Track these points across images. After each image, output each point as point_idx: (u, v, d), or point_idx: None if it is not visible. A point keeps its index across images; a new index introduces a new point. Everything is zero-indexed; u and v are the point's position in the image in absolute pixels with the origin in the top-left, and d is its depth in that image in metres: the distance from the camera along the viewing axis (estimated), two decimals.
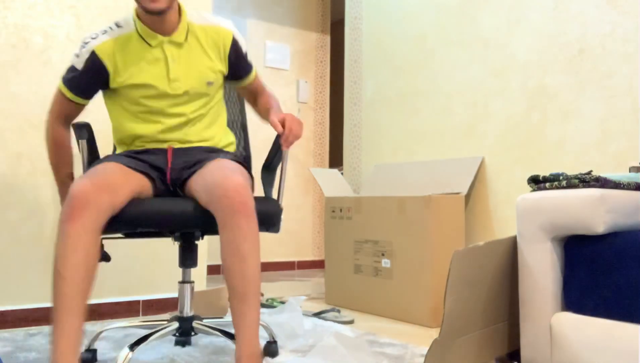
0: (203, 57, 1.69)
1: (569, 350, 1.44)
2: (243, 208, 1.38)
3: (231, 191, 1.38)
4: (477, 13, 2.77)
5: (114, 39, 1.63)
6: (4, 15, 2.28)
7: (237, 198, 1.38)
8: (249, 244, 1.38)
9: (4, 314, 2.21)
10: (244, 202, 1.38)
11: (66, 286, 1.29)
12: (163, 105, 1.66)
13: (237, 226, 1.38)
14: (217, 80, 1.73)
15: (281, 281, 3.85)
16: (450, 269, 1.42)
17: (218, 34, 1.71)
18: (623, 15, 2.18)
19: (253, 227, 1.40)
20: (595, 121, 2.26)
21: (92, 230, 1.33)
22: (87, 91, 1.67)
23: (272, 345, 1.86)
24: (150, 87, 1.63)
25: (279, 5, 4.60)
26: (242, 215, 1.38)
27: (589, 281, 1.44)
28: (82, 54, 1.63)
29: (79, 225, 1.31)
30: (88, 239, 1.32)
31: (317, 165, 4.77)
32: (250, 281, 1.39)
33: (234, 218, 1.38)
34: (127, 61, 1.63)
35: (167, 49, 1.64)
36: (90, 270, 1.33)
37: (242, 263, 1.38)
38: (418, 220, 2.43)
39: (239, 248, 1.38)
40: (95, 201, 1.34)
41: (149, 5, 1.53)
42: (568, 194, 1.46)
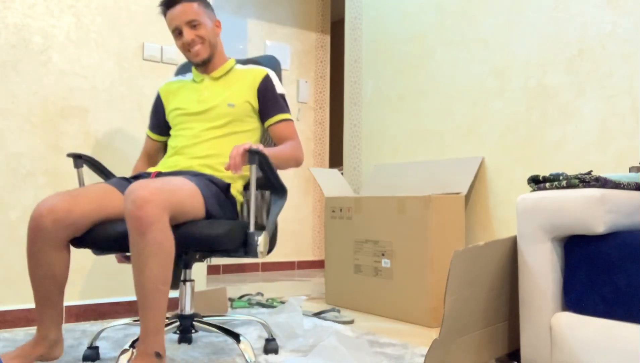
0: (234, 87, 1.91)
1: (569, 350, 1.44)
2: (136, 223, 1.37)
3: (130, 205, 1.38)
4: (477, 13, 2.77)
5: (175, 81, 2.03)
6: (4, 15, 2.28)
7: (135, 212, 1.37)
8: (143, 258, 1.38)
9: (4, 314, 2.21)
10: (137, 217, 1.36)
11: (37, 291, 1.57)
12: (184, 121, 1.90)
13: (133, 241, 1.39)
14: (240, 105, 1.88)
15: (281, 281, 3.85)
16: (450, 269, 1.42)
17: (254, 71, 1.94)
18: (623, 15, 2.18)
19: (149, 241, 1.37)
20: (595, 121, 2.26)
21: (52, 248, 1.53)
22: (157, 125, 2.05)
23: (271, 343, 1.87)
24: (182, 108, 1.91)
25: (279, 5, 4.60)
26: (136, 232, 1.37)
27: (589, 281, 1.44)
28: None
29: (38, 244, 1.53)
30: (49, 256, 1.54)
31: (317, 165, 4.77)
32: (149, 293, 1.40)
33: (131, 233, 1.39)
34: (176, 94, 1.97)
35: (207, 82, 1.95)
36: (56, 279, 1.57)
37: (139, 275, 1.40)
38: (418, 220, 2.43)
39: (135, 260, 1.39)
40: (48, 227, 1.51)
41: (193, 60, 1.90)
42: (568, 194, 1.46)
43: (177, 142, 1.89)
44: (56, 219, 1.51)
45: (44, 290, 1.57)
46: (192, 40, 1.85)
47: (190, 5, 1.85)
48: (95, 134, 2.45)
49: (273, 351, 1.85)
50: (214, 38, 1.92)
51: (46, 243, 1.52)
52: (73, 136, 2.40)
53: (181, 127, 1.91)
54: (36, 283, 1.56)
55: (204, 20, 1.87)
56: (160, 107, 2.03)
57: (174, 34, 1.89)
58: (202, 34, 1.86)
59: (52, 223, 1.51)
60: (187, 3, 1.85)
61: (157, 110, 2.04)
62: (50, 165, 2.35)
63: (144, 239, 1.37)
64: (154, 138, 2.06)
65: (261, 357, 1.82)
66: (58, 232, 1.52)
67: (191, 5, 1.85)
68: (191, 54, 1.88)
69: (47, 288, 1.57)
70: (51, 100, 2.36)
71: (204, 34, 1.87)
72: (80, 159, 1.84)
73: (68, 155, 1.84)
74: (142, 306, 1.40)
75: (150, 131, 2.07)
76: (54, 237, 1.52)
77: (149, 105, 2.58)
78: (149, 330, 1.41)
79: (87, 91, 2.44)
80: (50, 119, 2.36)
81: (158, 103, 2.04)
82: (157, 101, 2.05)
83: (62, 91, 2.39)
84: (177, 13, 1.84)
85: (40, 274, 1.55)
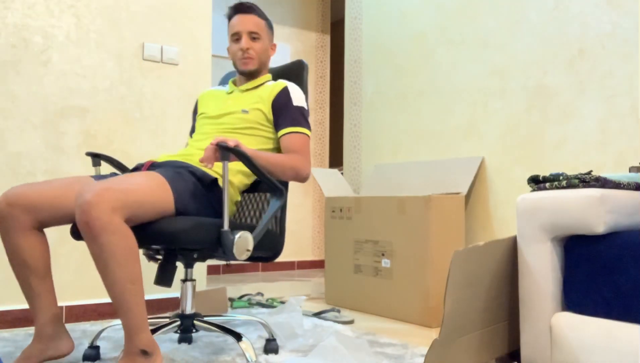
0: (253, 98, 1.93)
1: (569, 350, 1.44)
2: (86, 228, 1.35)
3: (78, 211, 1.36)
4: (477, 13, 2.77)
5: (214, 89, 2.07)
6: (4, 15, 2.28)
7: (82, 217, 1.35)
8: (101, 263, 1.37)
9: (4, 314, 2.21)
10: (85, 222, 1.34)
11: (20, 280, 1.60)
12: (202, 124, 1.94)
13: (89, 247, 1.38)
14: (252, 111, 1.89)
15: (281, 281, 3.85)
16: (450, 269, 1.42)
17: (276, 84, 1.96)
18: (623, 15, 2.18)
19: (103, 245, 1.35)
20: (595, 121, 2.26)
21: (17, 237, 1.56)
22: (193, 129, 2.09)
23: (271, 343, 1.87)
24: (205, 113, 1.96)
25: (279, 5, 4.60)
26: (88, 237, 1.36)
27: (589, 281, 1.44)
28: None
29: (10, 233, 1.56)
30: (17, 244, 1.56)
31: (317, 165, 4.77)
32: (118, 295, 1.39)
33: (86, 239, 1.38)
34: (208, 101, 2.01)
35: (235, 92, 1.99)
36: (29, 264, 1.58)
37: (104, 280, 1.40)
38: (418, 220, 2.43)
39: (97, 266, 1.40)
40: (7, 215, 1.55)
41: (241, 67, 1.95)
42: (568, 194, 1.46)
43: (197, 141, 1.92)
44: (10, 203, 1.54)
45: (22, 280, 1.59)
46: (248, 48, 1.91)
47: (259, 19, 1.95)
48: (95, 134, 2.45)
49: (273, 351, 1.85)
50: (266, 58, 1.99)
51: (9, 230, 1.55)
52: (73, 136, 2.40)
53: (199, 130, 1.96)
54: (15, 273, 1.60)
55: (265, 38, 1.96)
56: (195, 112, 2.10)
57: (232, 38, 1.94)
58: (258, 48, 1.94)
59: (8, 207, 1.54)
60: (257, 17, 1.94)
61: (194, 115, 2.12)
62: (50, 165, 2.35)
63: (97, 243, 1.35)
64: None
65: (261, 356, 1.82)
66: (17, 216, 1.54)
67: (259, 20, 1.95)
68: (241, 60, 1.93)
69: (24, 278, 1.58)
70: (51, 100, 2.36)
71: (259, 48, 1.94)
72: (98, 158, 1.86)
73: (87, 154, 1.87)
74: (117, 308, 1.41)
75: (189, 136, 2.11)
76: (16, 222, 1.55)
77: (149, 105, 2.59)
78: (130, 330, 1.41)
79: (87, 91, 2.44)
80: (50, 119, 2.36)
81: (195, 108, 2.11)
82: (195, 107, 2.12)
83: (62, 91, 2.39)
84: (245, 20, 1.92)
85: (14, 263, 1.58)
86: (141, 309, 1.42)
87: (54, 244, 2.34)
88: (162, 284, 1.63)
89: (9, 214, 1.55)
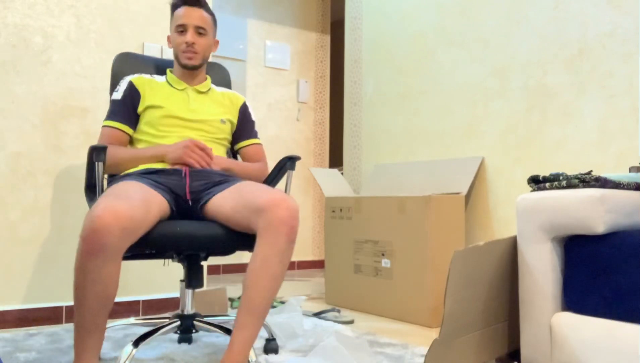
0: (220, 106, 1.96)
1: (569, 350, 1.44)
2: (291, 231, 1.44)
3: (285, 210, 1.44)
4: (477, 13, 2.77)
5: (147, 77, 1.92)
6: (4, 15, 2.28)
7: (290, 222, 1.44)
8: (282, 266, 1.45)
9: (4, 314, 2.21)
10: (292, 226, 1.44)
11: (87, 313, 1.34)
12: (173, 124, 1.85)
13: (279, 247, 1.43)
14: (228, 123, 1.95)
15: None
16: (450, 269, 1.42)
17: (234, 96, 2.03)
18: (623, 15, 2.18)
19: (291, 251, 1.47)
20: (595, 121, 2.26)
21: (112, 261, 1.33)
22: (129, 118, 1.85)
23: (271, 342, 1.87)
24: (169, 110, 1.84)
25: (279, 5, 4.60)
26: (289, 238, 1.44)
27: (589, 281, 1.44)
28: (120, 87, 1.88)
29: (100, 260, 1.30)
30: (108, 271, 1.33)
31: (317, 165, 4.77)
32: (268, 300, 1.44)
33: (279, 238, 1.43)
34: (155, 92, 1.88)
35: (190, 93, 1.93)
36: (109, 297, 1.36)
37: (270, 281, 1.43)
38: (418, 220, 2.43)
39: (272, 266, 1.43)
40: (116, 236, 1.30)
41: (184, 61, 1.88)
42: (568, 194, 1.46)
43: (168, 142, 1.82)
44: (124, 226, 1.31)
45: (92, 313, 1.35)
46: (193, 43, 1.87)
47: (206, 14, 1.91)
48: (95, 134, 2.45)
49: (273, 351, 1.86)
50: (208, 53, 1.96)
51: (109, 257, 1.32)
52: (73, 136, 2.40)
53: (168, 130, 1.83)
54: (87, 304, 1.34)
55: (210, 34, 1.93)
56: (136, 98, 1.85)
57: (176, 29, 1.88)
58: (203, 43, 1.90)
59: (120, 231, 1.31)
60: (204, 11, 1.90)
61: (132, 102, 1.85)
62: (50, 165, 2.35)
63: (291, 248, 1.47)
64: (128, 131, 1.85)
65: (261, 356, 1.82)
66: (124, 242, 1.34)
67: (207, 15, 1.91)
68: (186, 55, 1.88)
69: (96, 311, 1.35)
70: (51, 100, 2.36)
71: (204, 44, 1.91)
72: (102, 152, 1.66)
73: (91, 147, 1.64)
74: (257, 312, 1.46)
75: (121, 123, 1.83)
76: (119, 248, 1.33)
77: None
78: (251, 338, 1.45)
79: (87, 91, 2.44)
80: (50, 119, 2.36)
81: (133, 94, 1.85)
82: (132, 92, 1.85)
83: (62, 91, 2.39)
84: (192, 14, 1.88)
85: (94, 293, 1.33)
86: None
87: (54, 243, 2.34)
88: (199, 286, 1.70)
89: (113, 240, 1.30)
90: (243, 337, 1.40)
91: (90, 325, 1.36)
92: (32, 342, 1.99)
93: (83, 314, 1.35)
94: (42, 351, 1.88)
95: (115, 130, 1.82)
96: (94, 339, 1.37)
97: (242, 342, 1.40)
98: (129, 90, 1.85)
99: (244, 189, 1.59)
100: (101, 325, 1.37)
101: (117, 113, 1.83)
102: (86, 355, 1.37)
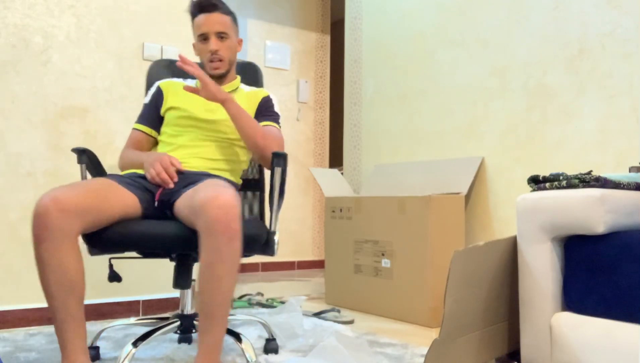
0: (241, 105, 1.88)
1: (569, 350, 1.44)
2: (226, 229, 1.32)
3: (216, 209, 1.33)
4: (477, 13, 2.77)
5: (176, 81, 1.96)
6: (4, 15, 2.28)
7: (223, 218, 1.32)
8: (226, 266, 1.34)
9: (4, 314, 2.21)
10: (227, 223, 1.32)
11: (54, 302, 1.36)
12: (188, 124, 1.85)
13: (216, 248, 1.33)
14: None
15: (281, 281, 3.85)
16: (450, 269, 1.42)
17: (258, 92, 1.98)
18: (623, 15, 2.18)
19: (234, 249, 1.34)
20: (595, 121, 2.26)
21: (63, 245, 1.35)
22: (153, 121, 1.93)
23: (271, 342, 1.87)
24: (185, 110, 1.86)
25: (279, 5, 4.60)
26: (225, 236, 1.32)
27: (589, 281, 1.44)
28: (150, 91, 1.97)
29: (49, 244, 1.34)
30: (61, 256, 1.35)
31: (317, 165, 4.77)
32: (221, 304, 1.36)
33: (217, 239, 1.32)
34: (177, 94, 1.91)
35: None
36: (72, 283, 1.37)
37: (216, 284, 1.34)
38: (418, 220, 2.43)
39: (216, 270, 1.34)
40: (56, 225, 1.34)
41: (210, 71, 1.89)
42: (568, 194, 1.46)
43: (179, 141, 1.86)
44: (62, 208, 1.34)
45: (60, 301, 1.36)
46: (217, 50, 1.86)
47: (225, 17, 1.87)
48: (95, 134, 2.45)
49: (273, 351, 1.86)
50: (234, 56, 1.94)
51: (58, 240, 1.34)
52: (73, 136, 2.40)
53: (182, 130, 1.87)
54: (51, 292, 1.36)
55: (232, 35, 1.90)
56: (160, 101, 1.93)
57: (198, 38, 1.87)
58: (226, 48, 1.88)
59: (59, 213, 1.33)
60: (222, 14, 1.87)
61: (157, 104, 1.93)
62: (50, 165, 2.35)
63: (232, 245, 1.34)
64: (151, 133, 1.93)
65: (261, 356, 1.82)
66: (68, 224, 1.35)
67: (226, 18, 1.88)
68: (211, 65, 1.88)
69: (63, 299, 1.36)
70: (51, 100, 2.36)
71: (227, 48, 1.89)
72: (84, 154, 1.78)
73: (72, 150, 1.77)
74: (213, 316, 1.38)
75: (145, 126, 1.93)
76: (65, 230, 1.35)
77: None
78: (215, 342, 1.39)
79: (87, 91, 2.44)
80: (50, 119, 2.36)
81: (158, 97, 1.94)
82: (157, 95, 1.94)
83: (62, 91, 2.39)
84: (211, 20, 1.85)
85: (55, 280, 1.35)
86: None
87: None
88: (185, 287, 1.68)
89: (59, 221, 1.33)
90: (207, 341, 1.36)
91: (63, 315, 1.36)
92: (32, 342, 1.99)
93: (52, 304, 1.36)
94: (42, 351, 1.88)
95: (140, 132, 1.92)
96: (72, 330, 1.37)
97: (208, 346, 1.36)
98: (155, 94, 1.95)
99: (198, 188, 1.49)
100: (75, 314, 1.37)
101: (143, 116, 1.94)
102: (69, 347, 1.37)
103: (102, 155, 2.45)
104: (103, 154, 2.46)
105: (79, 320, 1.38)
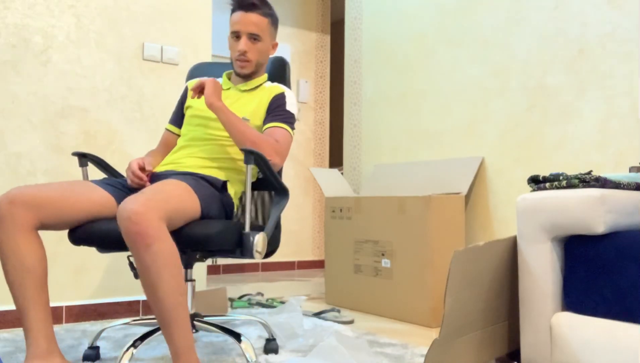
0: (253, 103, 1.90)
1: (569, 350, 1.44)
2: (138, 237, 1.30)
3: (126, 222, 1.31)
4: (477, 13, 2.77)
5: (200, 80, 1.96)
6: (4, 15, 2.28)
7: (132, 228, 1.30)
8: (153, 272, 1.32)
9: (4, 314, 2.21)
10: (136, 232, 1.30)
11: (13, 289, 1.46)
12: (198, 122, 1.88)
13: (139, 258, 1.32)
14: (254, 121, 1.87)
15: (281, 281, 3.85)
16: (450, 269, 1.42)
17: (273, 88, 1.94)
18: (623, 15, 2.18)
19: (154, 253, 1.32)
20: (595, 121, 2.26)
21: (18, 232, 1.44)
22: (177, 119, 2.01)
23: (271, 342, 1.87)
24: (196, 109, 1.90)
25: (279, 5, 4.60)
26: (141, 244, 1.31)
27: (589, 281, 1.44)
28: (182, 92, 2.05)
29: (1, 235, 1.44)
30: (16, 242, 1.44)
31: (317, 165, 4.77)
32: (167, 309, 1.33)
33: (134, 249, 1.32)
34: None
35: (232, 92, 1.94)
36: (29, 270, 1.45)
37: (152, 292, 1.33)
38: (418, 220, 2.43)
39: (146, 279, 1.33)
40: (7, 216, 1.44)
41: (237, 69, 1.90)
42: (568, 194, 1.46)
43: (185, 140, 1.88)
44: (11, 200, 1.43)
45: (18, 286, 1.44)
46: (245, 52, 1.85)
47: (262, 19, 1.85)
48: (95, 134, 2.45)
49: (273, 351, 1.86)
50: (264, 59, 1.93)
51: (11, 228, 1.43)
52: (73, 136, 2.40)
53: (191, 128, 1.89)
54: (9, 279, 1.45)
55: (266, 38, 1.88)
56: (184, 100, 2.01)
57: (231, 34, 1.87)
58: (256, 50, 1.87)
59: (8, 205, 1.43)
60: (260, 16, 1.85)
61: (182, 103, 2.02)
62: (50, 165, 2.35)
63: (150, 252, 1.31)
64: (175, 131, 2.01)
65: (261, 356, 1.82)
66: (24, 213, 1.44)
67: (263, 20, 1.86)
68: (237, 63, 1.88)
69: (20, 283, 1.44)
70: (51, 100, 2.36)
71: (258, 51, 1.87)
72: (85, 158, 1.83)
73: (73, 154, 1.82)
74: (166, 325, 1.33)
75: (171, 125, 2.02)
76: (16, 221, 1.43)
77: (149, 105, 2.59)
78: (179, 350, 1.35)
79: (87, 91, 2.44)
80: (50, 119, 2.36)
81: (184, 97, 2.02)
82: (184, 95, 2.03)
83: (62, 91, 2.39)
84: (246, 20, 1.84)
85: (12, 266, 1.44)
86: (189, 326, 1.36)
87: (53, 243, 2.34)
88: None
89: (9, 212, 1.43)
90: (173, 349, 1.35)
91: (22, 300, 1.44)
92: None
93: (13, 292, 1.45)
94: None
95: (167, 132, 2.02)
96: (33, 315, 1.43)
97: (177, 354, 1.35)
98: (183, 93, 2.04)
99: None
100: (34, 298, 1.44)
101: (172, 115, 2.04)
102: (32, 334, 1.43)
103: (102, 155, 2.45)
104: (103, 155, 2.46)
105: (39, 304, 1.45)
